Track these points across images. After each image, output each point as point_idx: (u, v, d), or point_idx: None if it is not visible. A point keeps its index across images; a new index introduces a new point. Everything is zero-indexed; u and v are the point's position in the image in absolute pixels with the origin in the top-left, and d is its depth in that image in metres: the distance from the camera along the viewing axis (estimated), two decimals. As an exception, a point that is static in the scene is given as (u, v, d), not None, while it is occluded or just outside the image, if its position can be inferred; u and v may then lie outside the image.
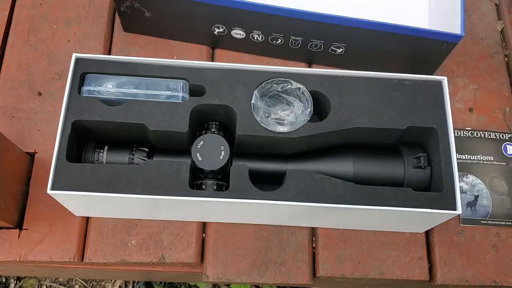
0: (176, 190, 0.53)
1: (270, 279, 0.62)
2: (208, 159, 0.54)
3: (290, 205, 0.53)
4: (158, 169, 0.54)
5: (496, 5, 0.80)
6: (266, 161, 0.58)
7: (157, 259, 0.61)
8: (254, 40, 0.68)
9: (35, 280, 1.16)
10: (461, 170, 0.67)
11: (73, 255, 0.61)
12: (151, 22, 0.69)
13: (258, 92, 0.57)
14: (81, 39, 0.72)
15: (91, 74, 0.58)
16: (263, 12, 0.62)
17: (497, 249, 0.64)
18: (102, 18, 0.74)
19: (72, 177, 0.53)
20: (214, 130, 0.57)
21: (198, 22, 0.67)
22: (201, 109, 0.57)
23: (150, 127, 0.55)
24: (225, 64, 0.58)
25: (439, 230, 0.64)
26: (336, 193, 0.54)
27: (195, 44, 0.73)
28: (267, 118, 0.58)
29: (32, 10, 0.74)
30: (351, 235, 0.64)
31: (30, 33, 0.73)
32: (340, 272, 0.62)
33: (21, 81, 0.69)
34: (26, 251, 0.61)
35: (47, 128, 0.67)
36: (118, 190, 0.52)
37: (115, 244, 0.62)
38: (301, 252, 0.63)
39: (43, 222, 0.62)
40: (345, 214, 0.57)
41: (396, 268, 0.62)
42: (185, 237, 0.62)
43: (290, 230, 0.64)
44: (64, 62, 0.70)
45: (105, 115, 0.55)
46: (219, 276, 0.62)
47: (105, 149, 0.57)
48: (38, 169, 0.64)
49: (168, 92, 0.57)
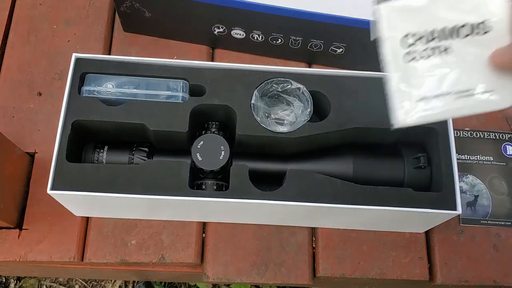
0: (176, 190, 0.53)
1: (270, 279, 0.62)
2: (208, 159, 0.54)
3: (290, 205, 0.53)
4: (158, 169, 0.54)
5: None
6: (266, 161, 0.58)
7: (157, 259, 0.61)
8: (254, 40, 0.68)
9: (35, 280, 1.16)
10: (461, 170, 0.67)
11: (73, 255, 0.61)
12: (151, 22, 0.69)
13: (258, 92, 0.57)
14: (81, 39, 0.72)
15: (91, 74, 0.58)
16: (263, 12, 0.62)
17: (497, 249, 0.64)
18: (102, 18, 0.74)
19: (72, 177, 0.53)
20: (214, 130, 0.57)
21: (198, 22, 0.67)
22: (201, 109, 0.57)
23: (150, 127, 0.55)
24: (225, 64, 0.58)
25: (439, 230, 0.64)
26: (336, 193, 0.54)
27: (195, 44, 0.73)
28: (267, 118, 0.58)
29: (32, 10, 0.74)
30: (351, 235, 0.64)
31: (30, 33, 0.73)
32: (340, 272, 0.62)
33: (21, 81, 0.69)
34: (26, 251, 0.61)
35: (47, 128, 0.66)
36: (118, 190, 0.52)
37: (115, 244, 0.62)
38: (301, 252, 0.63)
39: (43, 222, 0.62)
40: (345, 214, 0.57)
41: (396, 268, 0.62)
42: (185, 237, 0.62)
43: (290, 230, 0.64)
44: (64, 62, 0.70)
45: (105, 115, 0.55)
46: (219, 276, 0.62)
47: (105, 149, 0.57)
48: (38, 169, 0.64)
49: (168, 92, 0.57)
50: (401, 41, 0.39)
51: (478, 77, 0.39)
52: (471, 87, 0.39)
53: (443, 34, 0.38)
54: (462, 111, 0.39)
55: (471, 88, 0.39)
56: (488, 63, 0.38)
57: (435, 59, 0.39)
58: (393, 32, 0.39)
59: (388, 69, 0.39)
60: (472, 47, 0.38)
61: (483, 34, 0.38)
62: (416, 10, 0.38)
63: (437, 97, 0.39)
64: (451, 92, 0.39)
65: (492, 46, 0.38)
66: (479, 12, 0.38)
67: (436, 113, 0.39)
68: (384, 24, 0.38)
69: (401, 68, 0.39)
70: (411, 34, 0.38)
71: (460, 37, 0.38)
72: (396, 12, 0.38)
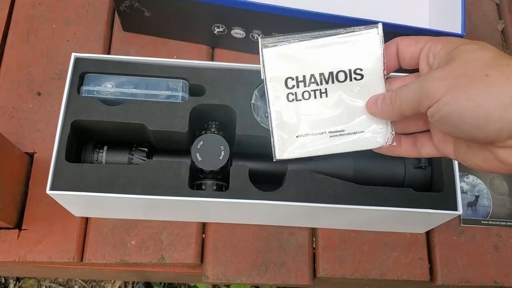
0: (175, 190, 0.53)
1: (270, 279, 0.61)
2: (208, 159, 0.54)
3: (290, 205, 0.53)
4: (157, 169, 0.54)
5: (497, 4, 0.80)
6: (266, 161, 0.58)
7: (156, 260, 0.61)
8: (254, 40, 0.68)
9: (34, 281, 1.16)
10: (462, 170, 0.66)
11: (72, 255, 0.61)
12: (150, 21, 0.69)
13: (258, 92, 0.57)
14: (81, 39, 0.72)
15: (91, 74, 0.57)
16: (263, 11, 0.61)
17: (498, 250, 0.64)
18: (101, 17, 0.74)
19: (71, 177, 0.53)
20: (214, 130, 0.57)
21: (198, 21, 0.67)
22: (201, 109, 0.57)
23: (150, 127, 0.55)
24: (225, 64, 0.58)
25: (439, 231, 0.64)
26: (336, 193, 0.54)
27: (195, 44, 0.72)
28: (267, 118, 0.57)
29: (32, 10, 0.74)
30: (351, 235, 0.63)
31: (29, 32, 0.72)
32: (341, 273, 0.62)
33: (20, 81, 0.69)
34: (25, 251, 0.61)
35: (46, 128, 0.66)
36: (118, 190, 0.52)
37: (114, 245, 0.61)
38: (301, 253, 0.62)
39: (42, 222, 0.62)
40: (345, 214, 0.56)
41: (397, 268, 0.62)
42: (185, 237, 0.62)
43: (290, 231, 0.63)
44: (63, 62, 0.70)
45: (105, 115, 0.55)
46: (219, 277, 0.61)
47: (104, 149, 0.57)
48: (38, 169, 0.64)
49: (168, 92, 0.57)
50: (284, 83, 0.42)
51: (352, 118, 0.43)
52: (345, 128, 0.43)
53: (321, 78, 0.42)
54: (338, 148, 0.43)
55: (345, 129, 0.43)
56: (363, 108, 0.42)
57: (314, 101, 0.43)
58: (276, 74, 0.42)
59: (270, 109, 0.43)
60: (349, 91, 0.42)
61: (360, 79, 0.42)
62: (296, 57, 0.42)
63: (314, 136, 0.43)
64: (326, 132, 0.43)
65: (368, 91, 0.42)
66: (355, 59, 0.42)
67: (312, 150, 0.43)
68: (268, 67, 0.42)
69: (282, 108, 0.43)
70: (292, 78, 0.42)
71: (338, 82, 0.42)
72: (279, 57, 0.42)
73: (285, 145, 0.44)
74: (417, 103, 0.37)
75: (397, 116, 0.40)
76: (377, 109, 0.41)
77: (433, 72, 0.36)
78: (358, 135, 0.43)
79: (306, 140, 0.44)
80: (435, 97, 0.35)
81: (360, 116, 0.43)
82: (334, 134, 0.43)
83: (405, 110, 0.38)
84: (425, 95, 0.35)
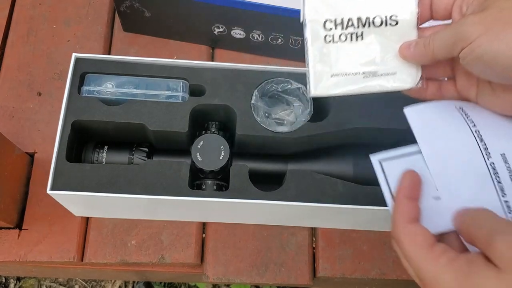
0: (176, 190, 0.53)
1: (270, 279, 0.62)
2: (208, 159, 0.54)
3: (290, 205, 0.53)
4: (157, 169, 0.54)
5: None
6: (266, 161, 0.58)
7: (157, 259, 0.61)
8: (254, 40, 0.68)
9: (35, 280, 1.16)
10: (462, 170, 0.66)
11: (73, 255, 0.61)
12: (151, 22, 0.69)
13: (258, 92, 0.57)
14: (81, 39, 0.72)
15: (91, 74, 0.58)
16: (263, 12, 0.62)
17: (497, 249, 0.64)
18: (101, 18, 0.74)
19: (71, 177, 0.53)
20: (214, 130, 0.57)
21: (198, 22, 0.67)
22: (201, 109, 0.57)
23: (150, 127, 0.55)
24: (225, 64, 0.58)
25: (439, 230, 0.64)
26: (336, 193, 0.54)
27: (195, 44, 0.73)
28: (267, 118, 0.58)
29: (32, 10, 0.74)
30: (351, 235, 0.64)
31: (29, 33, 0.72)
32: (341, 272, 0.62)
33: (20, 81, 0.69)
34: (25, 251, 0.61)
35: (46, 128, 0.66)
36: (118, 190, 0.52)
37: (115, 244, 0.61)
38: (301, 253, 0.63)
39: (42, 222, 0.62)
40: (345, 214, 0.56)
41: (397, 268, 0.62)
42: (185, 237, 0.62)
43: (290, 230, 0.63)
44: (63, 62, 0.70)
45: (105, 115, 0.55)
46: (219, 276, 0.62)
47: (104, 149, 0.57)
48: (38, 169, 0.64)
49: (168, 92, 0.57)
50: (323, 24, 0.44)
51: (386, 61, 0.45)
52: (378, 69, 0.45)
53: (359, 22, 0.44)
54: (370, 89, 0.45)
55: (378, 70, 0.45)
56: (395, 52, 0.44)
57: (350, 43, 0.45)
58: (315, 16, 0.44)
59: (307, 49, 0.45)
60: (383, 36, 0.44)
61: (394, 25, 0.44)
62: (336, 0, 0.44)
63: (348, 75, 0.45)
64: (360, 72, 0.45)
65: (401, 37, 0.44)
66: (391, 6, 0.44)
67: (346, 89, 0.45)
68: (307, 9, 0.44)
69: (319, 48, 0.44)
70: (331, 20, 0.44)
71: (374, 26, 0.44)
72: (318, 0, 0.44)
73: (321, 82, 0.45)
74: (450, 47, 0.39)
75: (428, 60, 0.42)
76: (409, 53, 0.43)
77: (468, 17, 0.38)
78: (390, 76, 0.45)
79: (340, 79, 0.45)
80: (469, 39, 0.37)
81: (393, 60, 0.45)
82: (367, 75, 0.45)
83: (437, 54, 0.40)
84: (459, 38, 0.37)
